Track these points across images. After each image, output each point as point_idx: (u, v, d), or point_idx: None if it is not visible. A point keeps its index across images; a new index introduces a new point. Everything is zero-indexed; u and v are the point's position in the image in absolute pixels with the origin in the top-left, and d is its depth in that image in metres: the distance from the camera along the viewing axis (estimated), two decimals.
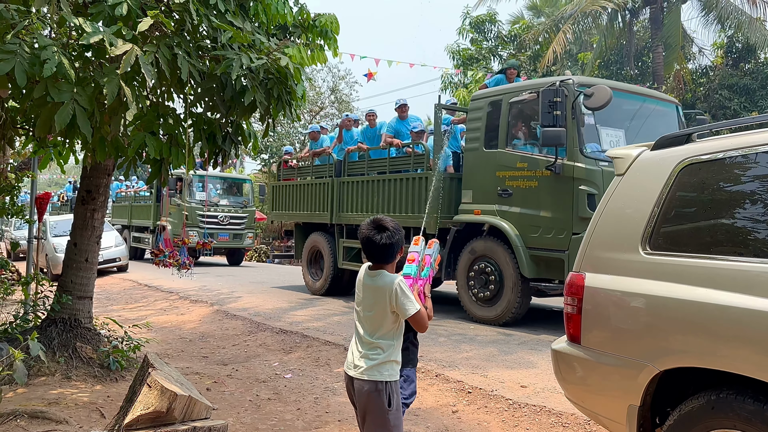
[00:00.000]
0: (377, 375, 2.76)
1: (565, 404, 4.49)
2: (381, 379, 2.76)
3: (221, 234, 18.33)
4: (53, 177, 43.45)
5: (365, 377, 2.77)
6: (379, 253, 2.83)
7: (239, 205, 19.26)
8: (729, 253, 2.54)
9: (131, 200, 22.07)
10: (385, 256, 2.84)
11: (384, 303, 2.78)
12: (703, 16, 16.88)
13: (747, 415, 2.33)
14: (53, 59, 3.44)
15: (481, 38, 19.26)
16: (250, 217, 19.29)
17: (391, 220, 2.90)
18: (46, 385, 5.09)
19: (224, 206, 18.81)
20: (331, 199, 11.03)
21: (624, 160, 3.13)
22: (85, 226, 5.96)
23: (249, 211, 19.30)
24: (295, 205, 12.23)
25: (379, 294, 2.79)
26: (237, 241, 18.92)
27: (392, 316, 2.79)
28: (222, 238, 18.44)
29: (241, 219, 18.90)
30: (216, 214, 18.31)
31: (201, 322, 9.15)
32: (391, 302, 2.75)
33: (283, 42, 4.60)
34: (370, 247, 2.82)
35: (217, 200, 18.82)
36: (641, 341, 2.75)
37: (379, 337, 2.80)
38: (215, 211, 18.37)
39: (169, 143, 4.64)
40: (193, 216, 17.68)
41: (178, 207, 17.68)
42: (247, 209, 19.28)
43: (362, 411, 2.83)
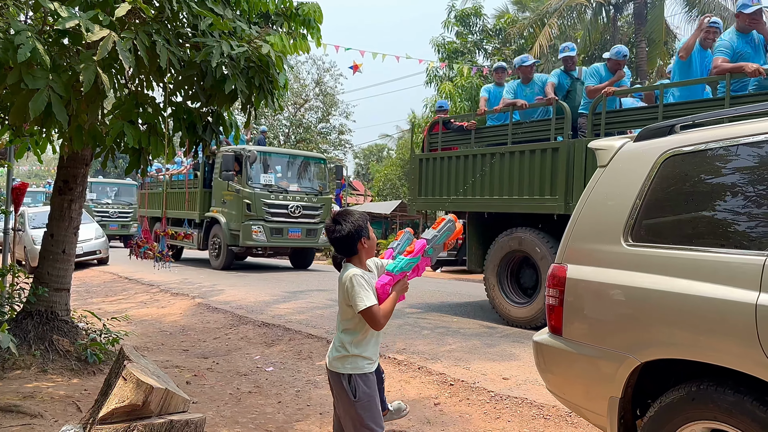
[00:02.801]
0: (340, 367, 2.83)
1: (547, 396, 4.49)
2: (344, 372, 2.81)
3: (292, 230, 14.57)
4: (32, 168, 42.85)
5: (331, 368, 2.87)
6: (337, 246, 2.89)
7: (313, 191, 15.23)
8: (711, 245, 2.53)
9: (166, 186, 18.22)
10: (343, 249, 2.88)
11: (342, 296, 2.85)
12: (686, 12, 17.02)
13: (727, 407, 2.33)
14: (27, 44, 3.36)
15: (466, 32, 19.24)
16: (326, 207, 15.27)
17: (357, 212, 2.93)
18: (21, 379, 5.00)
19: (294, 193, 14.78)
20: (564, 176, 7.16)
21: (607, 152, 3.12)
22: (62, 217, 5.85)
23: (325, 199, 15.37)
24: (472, 186, 8.32)
25: (340, 287, 2.86)
26: (311, 238, 14.84)
27: (350, 309, 2.81)
28: (293, 235, 14.58)
29: (315, 210, 14.95)
30: (286, 204, 14.37)
31: (182, 315, 9.05)
32: (346, 296, 2.80)
33: (264, 30, 4.53)
34: (331, 240, 2.88)
35: (286, 185, 14.76)
36: (622, 333, 2.74)
37: (344, 330, 2.86)
38: (284, 199, 14.44)
39: (148, 132, 4.56)
40: (257, 206, 13.99)
41: (236, 194, 14.25)
42: (323, 197, 15.32)
43: (334, 399, 2.92)
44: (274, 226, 14.20)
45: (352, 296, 2.75)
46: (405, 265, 2.92)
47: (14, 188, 7.70)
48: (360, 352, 2.83)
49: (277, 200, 14.30)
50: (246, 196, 14.02)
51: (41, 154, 5.87)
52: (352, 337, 2.84)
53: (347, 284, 2.78)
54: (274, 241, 14.24)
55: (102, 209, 23.90)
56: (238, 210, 14.11)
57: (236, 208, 14.20)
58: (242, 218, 13.97)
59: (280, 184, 14.66)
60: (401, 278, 2.92)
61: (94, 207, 23.45)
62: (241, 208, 14.02)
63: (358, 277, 2.79)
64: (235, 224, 14.20)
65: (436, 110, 10.52)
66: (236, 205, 14.17)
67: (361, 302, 2.73)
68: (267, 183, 14.45)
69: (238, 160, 14.18)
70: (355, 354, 2.82)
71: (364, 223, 2.88)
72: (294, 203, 14.46)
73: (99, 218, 22.83)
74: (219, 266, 14.81)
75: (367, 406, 2.81)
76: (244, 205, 14.01)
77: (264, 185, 14.33)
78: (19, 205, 8.00)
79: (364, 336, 2.85)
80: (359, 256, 2.89)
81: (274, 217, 14.21)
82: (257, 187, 14.17)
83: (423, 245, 2.97)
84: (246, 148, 14.38)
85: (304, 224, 14.64)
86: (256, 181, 14.29)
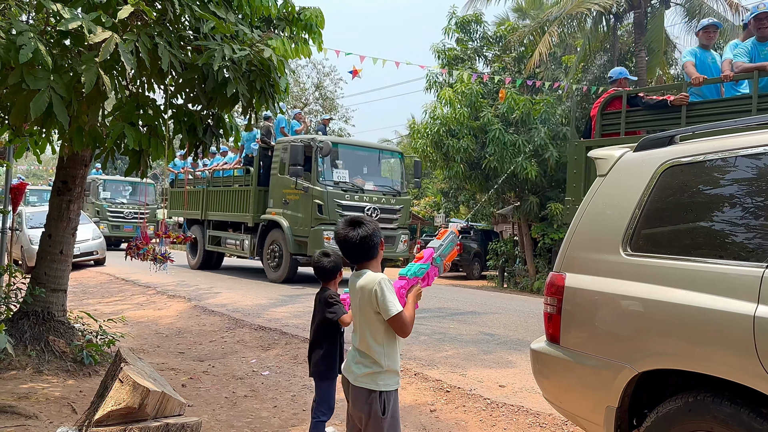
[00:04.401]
0: (372, 384, 2.68)
1: (543, 404, 4.49)
2: (375, 389, 2.68)
3: None
4: (30, 168, 42.80)
5: (360, 385, 2.70)
6: (354, 251, 2.74)
7: (391, 190, 13.01)
8: (709, 256, 2.54)
9: (207, 183, 15.82)
10: (362, 254, 2.75)
11: (367, 304, 2.69)
12: (686, 23, 17.07)
13: (724, 418, 2.34)
14: (29, 45, 3.36)
15: (466, 38, 19.27)
16: (405, 210, 13.12)
17: (368, 218, 2.84)
18: (17, 379, 4.98)
19: (371, 193, 12.59)
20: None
21: (606, 161, 3.13)
22: (60, 218, 5.84)
23: (404, 200, 13.12)
24: None
25: (364, 294, 2.70)
26: (388, 247, 12.45)
27: (378, 317, 2.67)
28: None
29: (394, 213, 12.74)
30: (362, 205, 12.22)
31: (178, 317, 9.04)
32: (373, 302, 2.65)
33: (266, 34, 4.53)
34: (345, 244, 2.73)
35: (362, 183, 12.65)
36: (620, 342, 2.74)
37: (371, 341, 2.70)
38: (360, 200, 12.32)
39: (148, 134, 4.55)
40: (330, 207, 11.95)
41: (304, 193, 12.13)
42: (402, 198, 13.08)
43: (358, 417, 2.75)
44: None
45: (383, 302, 2.61)
46: (417, 270, 2.83)
47: (12, 188, 7.68)
48: (392, 365, 2.71)
49: (352, 201, 12.14)
50: (317, 196, 11.94)
51: (40, 154, 5.86)
52: (383, 348, 2.69)
53: (376, 290, 2.63)
54: None
55: (116, 209, 22.46)
56: (306, 212, 12.06)
57: (303, 209, 12.12)
58: (311, 222, 11.96)
59: (355, 181, 12.53)
60: (415, 283, 2.84)
61: (107, 207, 22.36)
62: (309, 209, 11.95)
63: (386, 281, 2.67)
64: (301, 229, 12.14)
65: (612, 80, 7.75)
66: (303, 206, 12.06)
67: (393, 307, 2.61)
68: (341, 180, 12.30)
69: (307, 152, 12.04)
70: (388, 368, 2.69)
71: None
72: (371, 205, 12.29)
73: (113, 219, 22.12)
74: (279, 278, 12.88)
75: (393, 423, 2.73)
76: (315, 207, 11.88)
77: (337, 183, 12.21)
78: (17, 205, 7.98)
79: (394, 346, 2.74)
80: (377, 260, 2.80)
81: None
82: (329, 185, 12.05)
83: (431, 253, 2.91)
84: (317, 138, 12.36)
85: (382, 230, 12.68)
86: (327, 177, 12.16)
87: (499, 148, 15.38)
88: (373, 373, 2.68)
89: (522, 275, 17.15)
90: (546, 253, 16.68)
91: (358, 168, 12.89)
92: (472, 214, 21.23)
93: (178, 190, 17.15)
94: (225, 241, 14.94)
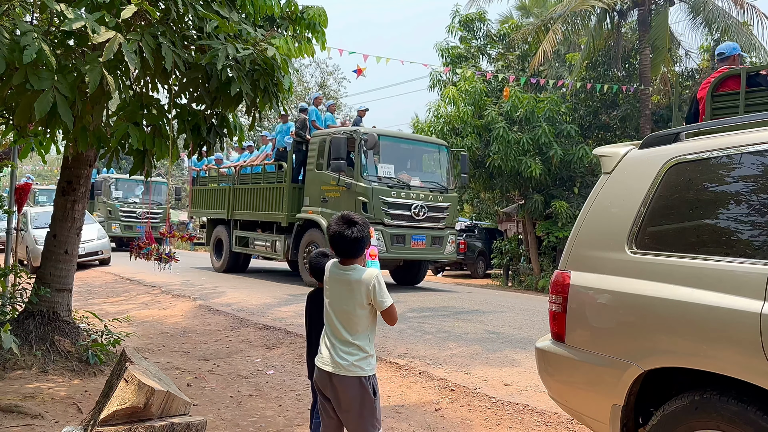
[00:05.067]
0: (360, 371, 2.83)
1: (548, 403, 4.48)
2: (365, 375, 2.83)
3: (415, 237, 11.24)
4: (35, 168, 42.93)
5: (350, 374, 2.82)
6: (349, 248, 2.88)
7: (438, 186, 11.90)
8: (715, 254, 2.53)
9: (234, 180, 14.76)
10: (355, 250, 2.90)
11: (360, 297, 2.84)
12: (691, 19, 16.95)
13: (730, 416, 2.32)
14: (33, 45, 3.36)
15: (470, 36, 19.24)
16: (453, 208, 11.96)
17: (358, 215, 2.99)
18: (22, 379, 4.99)
19: (417, 189, 11.52)
20: None
21: (611, 158, 3.11)
22: (65, 218, 5.86)
23: (451, 198, 11.97)
24: None
25: (356, 288, 2.85)
26: (436, 248, 11.58)
27: (368, 308, 2.85)
28: (416, 244, 11.24)
29: (441, 211, 11.67)
30: (409, 203, 11.17)
31: (183, 317, 9.05)
32: (369, 295, 2.82)
33: (270, 33, 4.53)
34: (341, 242, 2.87)
35: (408, 179, 11.54)
36: (626, 341, 2.73)
37: (356, 331, 2.86)
38: (406, 197, 11.21)
39: (152, 134, 4.56)
40: (376, 205, 10.84)
41: (347, 190, 11.07)
42: (449, 195, 11.95)
43: (346, 405, 2.87)
44: (395, 231, 10.99)
45: (379, 294, 2.82)
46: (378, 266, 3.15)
47: (17, 188, 7.70)
48: (373, 351, 2.92)
49: (398, 198, 11.12)
50: (361, 193, 10.89)
51: (45, 154, 5.88)
52: (368, 336, 2.89)
53: (374, 284, 2.82)
54: (395, 251, 11.03)
55: (128, 209, 22.03)
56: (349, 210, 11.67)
57: (345, 207, 10.55)
58: None
59: (400, 177, 11.48)
60: None
61: (119, 206, 21.97)
62: (353, 208, 10.66)
63: (381, 275, 2.89)
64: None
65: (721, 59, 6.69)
66: (345, 204, 10.93)
67: (388, 299, 2.84)
68: (386, 176, 11.27)
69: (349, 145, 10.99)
70: (372, 353, 2.89)
71: None
72: (418, 202, 11.27)
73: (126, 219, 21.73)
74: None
75: (379, 402, 2.92)
76: (359, 205, 10.80)
77: (381, 178, 11.19)
78: (22, 205, 8.00)
79: (374, 335, 2.95)
80: (363, 257, 2.97)
81: (395, 220, 11.03)
82: (374, 181, 11.04)
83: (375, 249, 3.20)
84: (360, 130, 11.37)
85: (428, 230, 11.44)
86: (371, 172, 11.14)
87: (503, 146, 15.35)
88: (361, 359, 2.84)
89: (526, 274, 17.13)
90: (550, 252, 16.64)
91: (402, 162, 11.85)
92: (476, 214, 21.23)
93: (201, 188, 16.28)
94: (254, 242, 13.93)
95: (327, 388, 2.90)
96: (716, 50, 7.22)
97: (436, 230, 11.53)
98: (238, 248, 14.48)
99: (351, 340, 2.84)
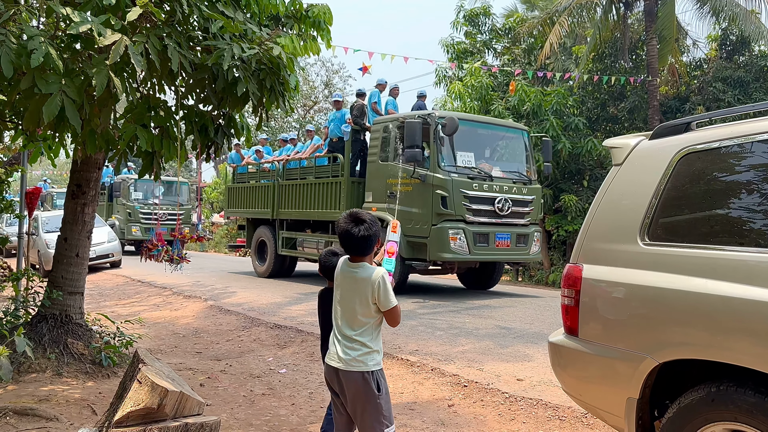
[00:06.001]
0: (363, 366, 2.84)
1: (562, 397, 4.46)
2: (367, 369, 2.84)
3: (499, 235, 9.93)
4: (45, 172, 43.20)
5: (352, 369, 2.84)
6: (357, 246, 2.89)
7: (521, 177, 10.65)
8: (729, 243, 2.50)
9: (279, 176, 13.50)
10: (363, 248, 2.90)
11: (366, 295, 2.85)
12: (698, 9, 16.82)
13: (748, 408, 2.30)
14: (40, 50, 3.37)
15: (475, 31, 19.17)
16: (537, 201, 10.58)
17: (367, 213, 2.97)
18: (37, 382, 5.03)
19: (500, 181, 10.21)
20: None
21: (622, 150, 3.09)
22: (75, 221, 5.89)
23: (535, 190, 10.66)
24: None
25: (361, 286, 2.86)
26: (521, 248, 10.31)
27: (373, 307, 2.86)
28: (500, 243, 9.94)
29: (526, 205, 10.36)
30: (492, 196, 9.90)
31: (195, 317, 9.09)
32: (374, 295, 2.83)
33: (275, 32, 4.52)
34: (349, 240, 2.87)
35: (489, 169, 10.25)
36: (640, 333, 2.71)
37: (360, 328, 2.87)
38: (489, 190, 9.93)
39: (160, 136, 4.57)
40: (456, 200, 9.57)
41: (421, 183, 9.78)
42: (533, 187, 10.67)
43: (352, 401, 2.88)
44: (478, 230, 9.69)
45: (384, 294, 2.82)
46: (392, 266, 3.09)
47: (28, 193, 7.75)
48: (379, 347, 2.92)
49: (480, 191, 9.80)
50: (439, 185, 9.57)
51: (55, 158, 5.91)
52: (371, 334, 2.89)
53: (379, 283, 2.83)
54: (478, 252, 9.73)
55: (149, 210, 21.13)
56: (424, 206, 9.71)
57: (419, 203, 9.78)
58: (432, 218, 9.60)
59: (480, 166, 10.14)
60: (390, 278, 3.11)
61: (139, 208, 21.21)
62: (429, 203, 9.64)
63: (386, 276, 2.88)
64: (418, 228, 9.77)
65: None
66: (418, 199, 9.78)
67: (393, 299, 2.84)
68: (466, 166, 9.94)
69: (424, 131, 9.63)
70: (377, 349, 2.89)
71: None
72: (502, 195, 9.96)
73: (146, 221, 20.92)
74: None
75: (387, 398, 2.90)
76: (436, 199, 9.52)
77: (459, 169, 9.85)
78: (33, 210, 8.06)
79: (380, 331, 2.95)
80: (371, 255, 2.96)
81: (476, 216, 9.72)
82: (453, 172, 9.72)
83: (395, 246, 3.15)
84: (434, 113, 10.15)
85: (513, 227, 10.14)
86: (448, 162, 9.80)
87: None
88: (364, 354, 2.85)
89: (536, 268, 17.06)
90: (560, 246, 16.57)
91: (480, 149, 10.46)
92: None
93: (239, 186, 14.99)
94: (302, 243, 12.52)
95: (335, 384, 2.94)
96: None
97: (520, 227, 10.22)
98: (285, 251, 13.06)
99: (355, 337, 2.87)
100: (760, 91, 15.83)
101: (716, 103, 15.97)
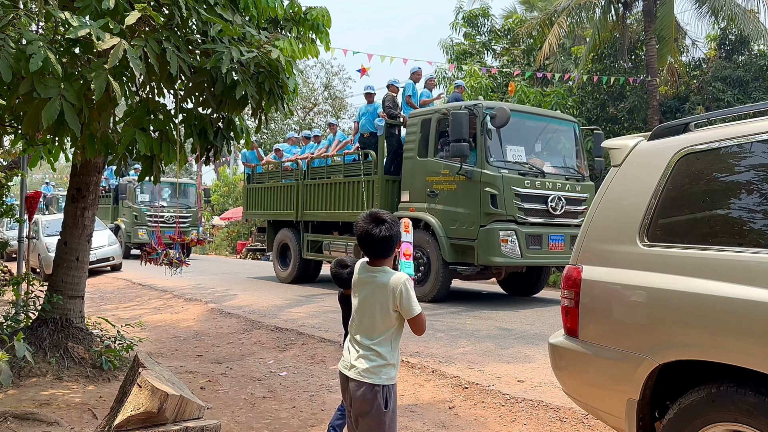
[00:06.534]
0: (375, 378, 2.67)
1: (563, 399, 4.45)
2: (378, 383, 2.67)
3: (553, 237, 9.16)
4: (45, 176, 43.25)
5: (362, 379, 2.68)
6: (378, 248, 2.71)
7: (574, 173, 9.88)
8: (729, 244, 2.50)
9: (303, 175, 12.68)
10: (384, 250, 2.73)
11: (386, 301, 2.68)
12: (697, 8, 16.85)
13: (748, 408, 2.30)
14: (39, 54, 3.38)
15: (474, 32, 19.22)
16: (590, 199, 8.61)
17: (387, 213, 2.79)
18: (38, 386, 5.03)
19: (553, 177, 9.45)
20: None
21: (621, 151, 3.09)
22: (75, 225, 5.89)
23: (588, 187, 9.81)
24: None
25: (381, 291, 2.69)
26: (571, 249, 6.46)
27: (394, 314, 2.69)
28: (554, 246, 9.15)
29: (579, 204, 9.56)
30: (545, 194, 9.12)
31: (195, 320, 9.09)
32: (395, 301, 2.65)
33: (273, 35, 4.53)
34: (369, 241, 2.70)
35: (541, 164, 9.49)
36: (640, 334, 2.71)
37: (379, 337, 2.70)
38: (540, 187, 9.14)
39: (159, 139, 4.57)
40: (507, 198, 8.78)
41: (468, 180, 9.01)
42: (586, 184, 9.87)
43: (356, 412, 2.74)
44: (531, 231, 8.91)
45: (407, 300, 2.64)
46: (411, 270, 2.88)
47: (28, 197, 7.76)
48: (396, 360, 2.74)
49: (533, 188, 9.02)
50: (488, 182, 8.80)
51: (54, 162, 5.91)
52: (391, 344, 2.72)
53: (401, 289, 2.64)
54: (532, 256, 8.95)
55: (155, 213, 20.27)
56: (471, 205, 8.96)
57: (464, 202, 9.06)
58: (480, 218, 8.84)
59: (531, 162, 9.38)
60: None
61: (146, 211, 20.54)
62: (476, 202, 8.90)
63: (409, 281, 2.70)
64: (463, 229, 9.03)
65: None
66: (464, 198, 9.08)
67: (416, 307, 2.66)
68: (516, 161, 9.18)
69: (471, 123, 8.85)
70: (392, 363, 2.71)
71: None
72: (555, 193, 9.17)
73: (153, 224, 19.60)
74: (424, 295, 9.40)
75: (393, 417, 2.73)
76: (485, 198, 8.76)
77: (510, 164, 9.08)
78: (33, 214, 8.06)
79: (398, 342, 2.77)
80: (392, 258, 2.79)
81: (528, 215, 8.94)
82: (502, 168, 8.93)
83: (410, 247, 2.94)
84: (481, 104, 9.32)
85: (567, 227, 9.28)
86: (497, 157, 9.00)
87: None
88: (378, 367, 2.67)
89: None
90: None
91: (530, 143, 9.67)
92: None
93: (258, 186, 14.15)
94: (329, 246, 11.75)
95: (345, 391, 2.80)
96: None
97: (574, 228, 9.16)
98: (310, 254, 12.30)
99: (372, 346, 2.69)
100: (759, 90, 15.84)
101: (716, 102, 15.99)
